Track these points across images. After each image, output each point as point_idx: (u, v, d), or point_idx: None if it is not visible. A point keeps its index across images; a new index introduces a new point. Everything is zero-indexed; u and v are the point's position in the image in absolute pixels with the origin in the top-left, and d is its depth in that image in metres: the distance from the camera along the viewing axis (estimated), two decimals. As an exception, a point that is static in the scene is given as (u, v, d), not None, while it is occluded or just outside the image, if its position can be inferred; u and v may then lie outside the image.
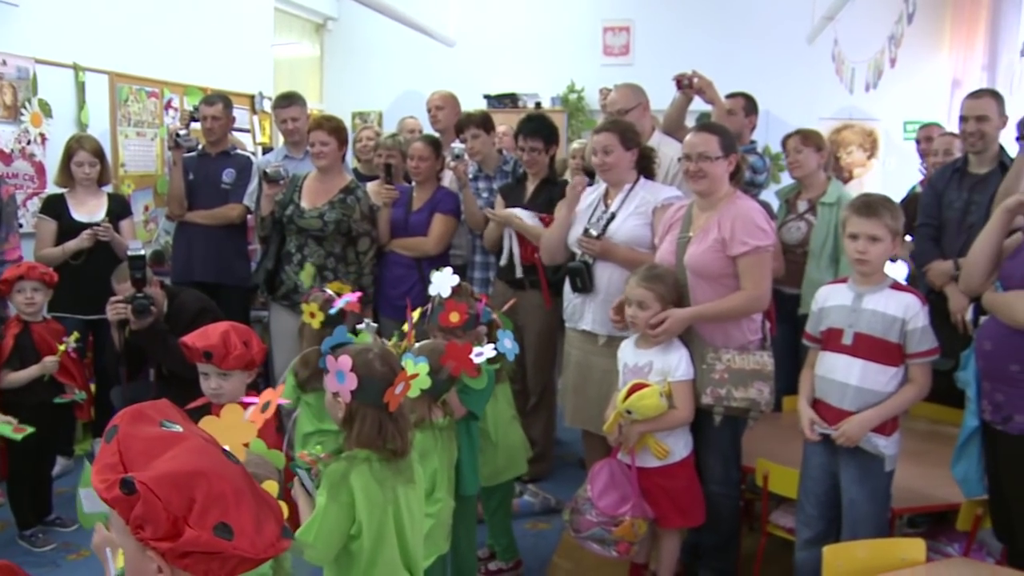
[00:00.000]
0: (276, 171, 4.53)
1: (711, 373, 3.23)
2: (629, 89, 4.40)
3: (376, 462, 2.24)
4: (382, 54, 9.00)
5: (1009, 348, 2.73)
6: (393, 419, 2.26)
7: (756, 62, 8.10)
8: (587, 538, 3.26)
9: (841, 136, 8.33)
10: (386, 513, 2.23)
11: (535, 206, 4.43)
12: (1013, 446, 2.75)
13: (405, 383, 2.26)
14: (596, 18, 8.69)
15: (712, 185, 3.33)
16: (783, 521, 3.48)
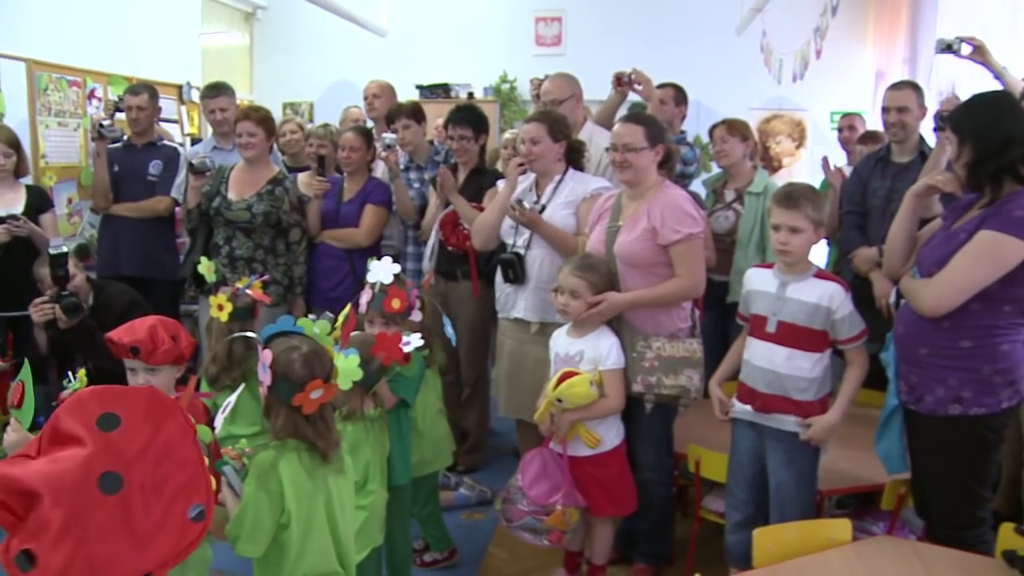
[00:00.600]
0: (202, 162, 4.44)
1: (641, 361, 3.26)
2: (563, 79, 4.41)
3: (305, 452, 2.22)
4: (313, 44, 8.89)
5: (919, 332, 2.79)
6: (311, 421, 2.24)
7: (687, 52, 8.19)
8: (519, 527, 3.27)
9: (770, 126, 8.46)
10: (316, 503, 2.21)
11: (465, 196, 4.42)
12: (924, 425, 2.83)
13: (324, 389, 2.23)
14: (528, 8, 8.70)
15: (638, 175, 3.36)
16: (715, 506, 3.53)
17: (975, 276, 2.61)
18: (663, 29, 8.39)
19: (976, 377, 2.70)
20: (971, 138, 2.69)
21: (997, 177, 2.66)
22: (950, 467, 2.79)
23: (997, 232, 2.57)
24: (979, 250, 2.61)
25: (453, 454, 3.79)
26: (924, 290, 2.73)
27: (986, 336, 2.68)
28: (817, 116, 8.36)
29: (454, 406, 4.70)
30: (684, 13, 8.39)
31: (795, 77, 6.56)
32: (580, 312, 3.27)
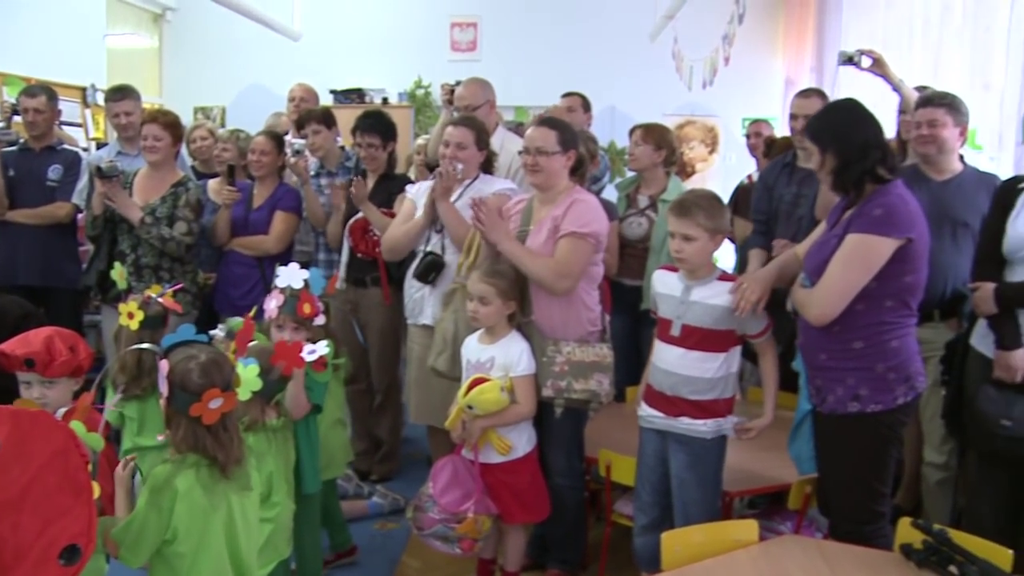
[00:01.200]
0: (111, 167, 4.30)
1: (551, 366, 3.27)
2: (477, 85, 4.42)
3: (204, 467, 2.17)
4: (225, 47, 8.72)
5: (816, 339, 2.89)
6: (212, 432, 2.19)
7: (602, 59, 8.29)
8: (430, 536, 3.25)
9: (683, 132, 8.58)
10: (213, 520, 2.16)
11: (374, 202, 4.38)
12: (827, 424, 2.92)
13: (224, 399, 2.18)
14: (444, 13, 8.68)
15: (549, 179, 3.37)
16: (627, 510, 3.55)
17: (850, 279, 2.72)
18: (578, 35, 8.45)
19: (871, 375, 2.79)
20: (832, 146, 2.82)
21: (860, 181, 2.79)
22: (850, 463, 2.87)
23: (862, 234, 2.71)
24: (848, 254, 2.73)
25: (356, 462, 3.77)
26: (807, 301, 2.84)
27: (875, 335, 2.78)
28: (729, 122, 8.51)
29: (366, 414, 4.65)
30: (599, 19, 8.45)
31: (704, 84, 6.66)
32: (492, 319, 3.27)
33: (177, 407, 2.17)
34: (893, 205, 2.72)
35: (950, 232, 3.49)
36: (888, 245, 2.69)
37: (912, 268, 2.76)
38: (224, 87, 8.78)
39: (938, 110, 3.48)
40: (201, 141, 5.51)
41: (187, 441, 2.18)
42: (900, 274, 2.74)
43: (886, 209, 2.71)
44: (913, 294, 2.81)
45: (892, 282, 2.74)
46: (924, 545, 2.42)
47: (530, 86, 7.81)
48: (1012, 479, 3.11)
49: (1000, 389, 3.04)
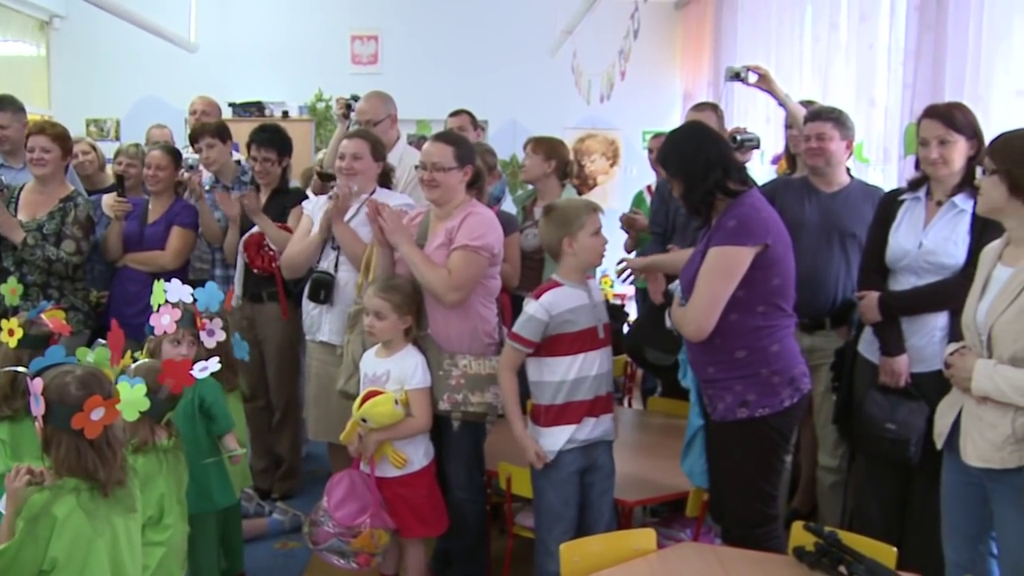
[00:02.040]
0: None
1: (448, 379, 3.27)
2: (379, 99, 4.41)
3: (86, 491, 2.09)
4: (118, 57, 8.46)
5: (702, 354, 2.97)
6: (96, 447, 2.11)
7: (503, 73, 8.34)
8: (326, 550, 3.21)
9: (584, 145, 8.70)
10: (96, 546, 2.08)
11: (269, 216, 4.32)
12: (718, 432, 2.99)
13: (106, 408, 2.11)
14: (344, 26, 8.61)
15: (446, 194, 3.37)
16: (528, 522, 3.55)
17: (717, 292, 2.81)
18: (479, 49, 8.47)
19: (757, 381, 2.88)
20: (677, 171, 2.96)
21: (707, 198, 2.90)
22: (741, 468, 2.94)
23: (720, 246, 2.81)
24: (710, 268, 2.83)
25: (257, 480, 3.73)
26: (683, 319, 2.93)
27: (755, 341, 2.87)
28: (630, 135, 8.64)
29: (266, 431, 4.56)
30: (500, 34, 8.50)
31: (602, 98, 6.76)
32: (388, 333, 3.26)
33: (56, 423, 2.09)
34: (746, 215, 2.82)
35: (839, 242, 3.61)
36: (746, 253, 2.78)
37: (776, 272, 2.86)
38: (118, 98, 8.53)
39: (825, 124, 3.62)
40: (83, 156, 5.31)
41: (69, 460, 2.11)
42: (766, 279, 2.83)
43: (739, 220, 2.81)
44: (783, 297, 2.91)
45: (760, 288, 2.83)
46: (816, 547, 2.49)
47: (431, 100, 7.78)
48: (897, 480, 3.23)
49: (885, 394, 3.16)
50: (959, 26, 3.76)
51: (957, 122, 3.00)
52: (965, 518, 2.67)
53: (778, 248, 2.85)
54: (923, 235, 3.11)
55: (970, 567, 2.60)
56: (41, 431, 2.12)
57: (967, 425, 2.54)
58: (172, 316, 3.10)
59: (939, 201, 3.11)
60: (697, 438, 3.10)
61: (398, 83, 6.08)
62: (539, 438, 3.06)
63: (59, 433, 2.10)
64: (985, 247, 2.69)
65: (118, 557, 2.14)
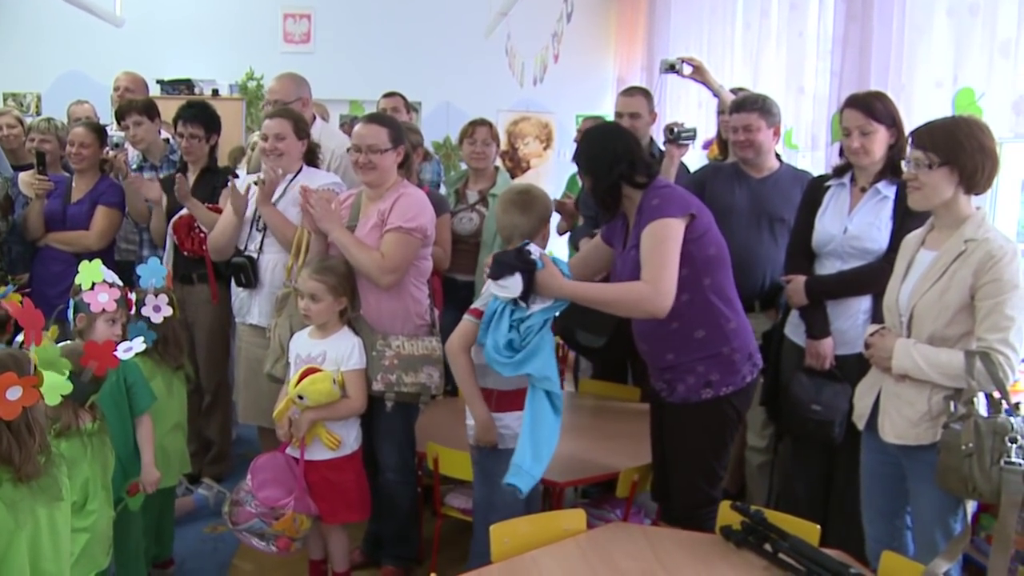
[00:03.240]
0: None
1: (381, 360, 3.26)
2: (290, 81, 4.34)
3: (7, 483, 2.03)
4: (39, 30, 8.20)
5: (660, 342, 2.98)
6: (13, 430, 2.04)
7: (437, 54, 8.28)
8: (246, 530, 3.17)
9: (518, 128, 8.69)
10: (16, 539, 2.02)
11: (198, 196, 4.24)
12: (677, 413, 3.00)
13: (23, 388, 2.04)
14: (276, 4, 8.45)
15: (382, 176, 3.37)
16: (457, 503, 3.58)
17: (666, 257, 2.77)
18: (414, 30, 8.39)
19: (719, 359, 2.91)
20: (585, 167, 3.02)
21: (615, 192, 2.93)
22: (697, 449, 2.97)
23: (653, 222, 2.80)
24: (652, 241, 2.80)
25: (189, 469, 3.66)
26: (643, 295, 2.80)
27: (711, 319, 2.90)
28: (564, 118, 8.64)
29: (195, 414, 4.49)
30: (434, 14, 8.43)
31: (535, 80, 6.75)
32: (324, 315, 3.23)
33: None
34: (664, 193, 2.87)
35: (767, 226, 3.68)
36: (676, 224, 2.80)
37: (709, 241, 2.89)
38: (39, 73, 8.26)
39: (751, 115, 3.66)
40: (8, 129, 5.16)
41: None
42: (701, 250, 2.86)
43: (661, 198, 2.85)
44: (724, 268, 2.94)
45: (699, 260, 2.86)
46: (742, 526, 2.54)
47: (365, 80, 7.72)
48: (822, 460, 3.32)
49: (811, 376, 3.23)
50: (884, 17, 3.85)
51: (877, 112, 3.07)
52: (882, 496, 2.77)
53: (704, 218, 2.89)
54: (848, 220, 3.18)
55: (888, 542, 2.69)
56: None
57: (885, 404, 2.63)
58: (111, 295, 3.02)
59: (863, 187, 3.19)
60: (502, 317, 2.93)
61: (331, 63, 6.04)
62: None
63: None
64: (906, 236, 2.76)
65: (39, 549, 2.08)
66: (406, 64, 8.01)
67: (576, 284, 2.92)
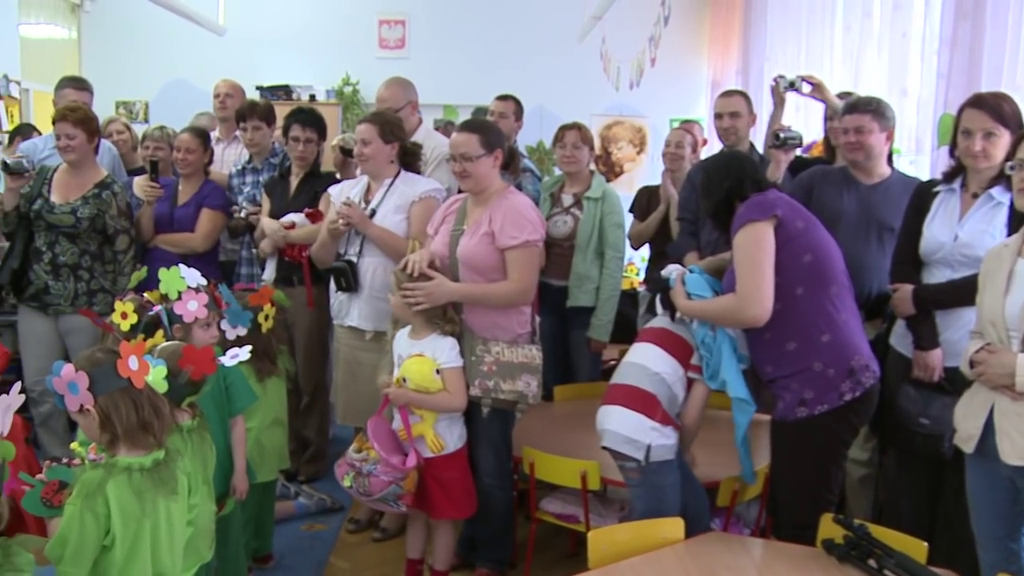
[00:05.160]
0: (18, 162, 4.17)
1: (480, 365, 3.27)
2: (398, 87, 4.39)
3: (136, 472, 2.11)
4: (148, 40, 8.48)
5: (757, 353, 2.97)
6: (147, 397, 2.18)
7: (530, 58, 8.29)
8: (380, 499, 3.21)
9: (612, 132, 8.65)
10: (142, 527, 2.11)
11: (300, 200, 4.33)
12: (776, 431, 2.96)
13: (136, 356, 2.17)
14: (372, 11, 8.58)
15: (479, 182, 3.38)
16: (552, 507, 3.57)
17: (757, 264, 2.79)
18: (507, 34, 8.43)
19: (811, 375, 2.83)
20: (702, 186, 3.11)
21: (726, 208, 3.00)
22: (797, 470, 2.91)
23: (739, 230, 2.83)
24: (741, 249, 2.82)
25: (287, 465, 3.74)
26: (737, 305, 2.84)
27: (803, 331, 2.83)
28: (657, 122, 8.57)
29: (293, 414, 4.59)
30: (527, 19, 8.45)
31: (632, 84, 6.70)
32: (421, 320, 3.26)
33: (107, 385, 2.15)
34: (750, 203, 2.88)
35: (876, 235, 3.54)
36: (763, 227, 2.80)
37: (802, 246, 2.84)
38: (147, 81, 8.55)
39: (864, 116, 3.51)
40: (118, 135, 5.36)
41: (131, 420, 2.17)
42: (794, 257, 2.81)
43: (746, 207, 2.87)
44: (823, 277, 2.86)
45: (792, 267, 2.80)
46: (845, 540, 2.48)
47: (459, 85, 7.82)
48: (929, 475, 3.20)
49: (918, 388, 3.12)
50: (998, 16, 3.71)
51: (1005, 115, 2.92)
52: (995, 519, 2.62)
53: (795, 222, 2.84)
54: (959, 227, 3.06)
55: (1004, 566, 2.56)
56: (97, 410, 2.14)
57: (1003, 423, 2.47)
58: (199, 301, 3.10)
59: (975, 193, 3.06)
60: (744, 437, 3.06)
61: (425, 68, 6.11)
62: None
63: (112, 397, 2.14)
64: (993, 247, 2.65)
65: (158, 539, 2.16)
66: (499, 68, 8.04)
67: (688, 302, 3.01)
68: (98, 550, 2.06)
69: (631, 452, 2.96)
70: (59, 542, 2.02)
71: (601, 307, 4.38)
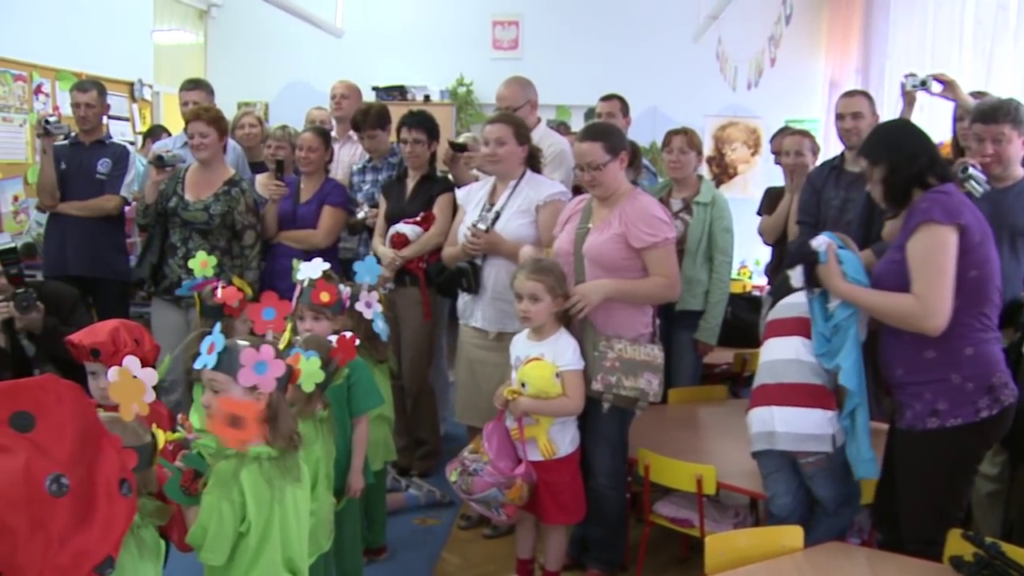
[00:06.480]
0: (173, 157, 4.42)
1: (602, 360, 3.26)
2: (518, 86, 4.41)
3: (266, 461, 2.18)
4: (268, 43, 8.78)
5: (893, 354, 2.85)
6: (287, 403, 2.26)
7: (644, 58, 8.24)
8: (480, 500, 3.24)
9: (726, 133, 8.53)
10: (273, 513, 2.17)
11: (416, 203, 4.40)
12: (904, 440, 2.85)
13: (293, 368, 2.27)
14: (485, 11, 8.67)
15: (608, 188, 3.40)
16: (666, 511, 3.54)
17: (942, 268, 2.66)
18: (620, 34, 8.40)
19: (948, 387, 2.71)
20: (883, 156, 2.85)
21: (908, 187, 2.80)
22: (924, 481, 2.79)
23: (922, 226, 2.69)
24: (923, 250, 2.68)
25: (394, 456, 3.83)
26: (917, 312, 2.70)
27: (947, 342, 2.71)
28: (772, 123, 8.38)
29: (399, 413, 4.66)
30: (641, 19, 8.41)
31: (750, 85, 6.59)
32: (543, 316, 3.26)
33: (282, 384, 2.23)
34: (935, 199, 2.72)
35: (1008, 240, 3.38)
36: (947, 232, 2.66)
37: (972, 261, 2.69)
38: (267, 83, 8.83)
39: (1003, 126, 3.31)
40: (250, 128, 5.55)
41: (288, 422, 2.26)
42: (963, 270, 2.68)
43: (930, 201, 2.71)
44: (981, 295, 2.73)
45: (956, 280, 2.67)
46: (975, 558, 2.39)
47: (572, 85, 7.81)
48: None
49: (1054, 400, 2.97)
50: None
51: None
52: None
53: (974, 235, 2.70)
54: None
55: None
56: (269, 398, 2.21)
57: None
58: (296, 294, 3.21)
59: None
60: (858, 426, 2.93)
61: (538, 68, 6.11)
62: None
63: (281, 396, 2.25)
64: None
65: (287, 525, 2.22)
66: (612, 69, 8.01)
67: (850, 286, 2.88)
68: (235, 536, 2.13)
69: (817, 447, 2.94)
70: (200, 530, 2.10)
71: (710, 310, 4.38)
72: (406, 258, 4.34)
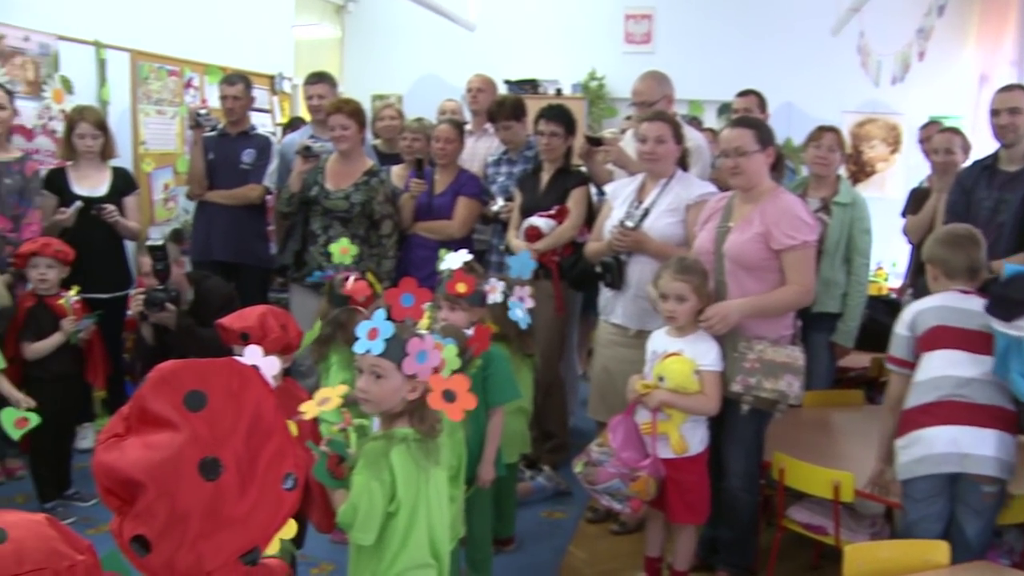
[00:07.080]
0: (323, 146, 4.57)
1: (742, 361, 3.21)
2: (654, 80, 4.35)
3: (413, 442, 2.22)
4: (402, 37, 8.95)
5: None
6: None
7: (779, 53, 8.03)
8: (603, 491, 3.22)
9: (864, 130, 8.25)
10: (420, 492, 2.21)
11: (551, 196, 4.41)
12: None
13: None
14: (618, 5, 8.62)
15: (751, 179, 3.31)
16: (799, 516, 3.46)
17: None
18: (755, 28, 8.22)
19: None
20: None
21: None
22: None
23: None
24: None
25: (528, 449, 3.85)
26: None
27: None
28: (913, 120, 8.06)
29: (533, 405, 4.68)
30: (777, 12, 8.20)
31: (894, 79, 6.35)
32: (688, 315, 3.23)
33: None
34: None
35: None
36: None
37: None
38: (401, 76, 8.99)
39: None
40: (390, 120, 5.67)
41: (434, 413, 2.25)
42: None
43: None
44: None
45: None
46: None
47: (705, 79, 7.66)
48: None
49: None
50: None
51: None
52: None
53: None
54: None
55: None
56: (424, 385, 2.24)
57: None
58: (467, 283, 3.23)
59: None
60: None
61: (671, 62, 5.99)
62: None
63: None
64: None
65: (431, 507, 2.25)
66: (747, 63, 7.84)
67: None
68: (384, 516, 2.18)
69: (1005, 475, 2.78)
70: (350, 509, 2.15)
71: (848, 313, 4.28)
72: (539, 251, 4.35)
